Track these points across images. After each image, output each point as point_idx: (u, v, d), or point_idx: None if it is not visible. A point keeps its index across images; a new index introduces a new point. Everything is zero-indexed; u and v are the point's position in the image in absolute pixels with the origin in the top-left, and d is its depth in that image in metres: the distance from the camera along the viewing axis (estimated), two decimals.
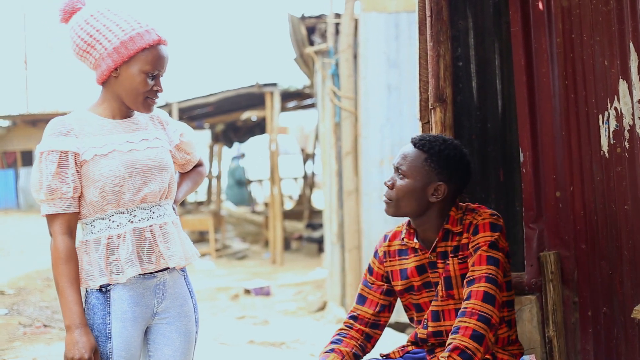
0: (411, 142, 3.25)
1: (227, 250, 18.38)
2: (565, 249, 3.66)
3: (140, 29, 3.02)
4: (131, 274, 3.01)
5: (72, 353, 2.91)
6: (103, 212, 3.03)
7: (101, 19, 3.04)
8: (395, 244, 3.40)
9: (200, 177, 3.55)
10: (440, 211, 3.23)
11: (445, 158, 3.17)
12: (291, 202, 27.48)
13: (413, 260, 3.31)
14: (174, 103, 18.06)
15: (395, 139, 8.98)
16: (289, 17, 11.73)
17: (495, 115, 3.91)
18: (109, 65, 3.02)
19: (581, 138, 3.59)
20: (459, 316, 3.06)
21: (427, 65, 3.79)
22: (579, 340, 3.66)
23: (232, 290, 12.58)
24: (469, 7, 3.91)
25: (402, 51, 8.97)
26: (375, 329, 3.44)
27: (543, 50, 3.70)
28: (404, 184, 3.19)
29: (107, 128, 3.07)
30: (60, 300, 2.97)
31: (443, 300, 3.23)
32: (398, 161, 3.23)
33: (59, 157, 2.95)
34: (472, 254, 3.14)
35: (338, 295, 10.11)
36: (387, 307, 3.45)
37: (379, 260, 3.44)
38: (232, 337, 9.05)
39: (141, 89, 3.03)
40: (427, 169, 3.17)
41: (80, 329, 2.93)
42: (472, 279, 3.10)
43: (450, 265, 3.20)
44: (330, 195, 10.73)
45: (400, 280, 3.35)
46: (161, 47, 3.06)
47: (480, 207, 3.24)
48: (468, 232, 3.18)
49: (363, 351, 3.42)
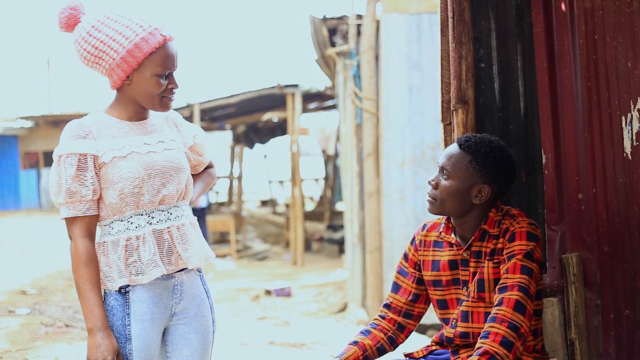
0: (457, 143, 3.24)
1: (248, 251, 18.41)
2: (587, 251, 3.64)
3: (143, 33, 2.99)
4: (155, 275, 3.02)
5: (95, 356, 2.91)
6: (122, 213, 3.03)
7: (104, 29, 3.00)
8: (433, 234, 3.40)
9: (211, 179, 3.55)
10: (481, 212, 3.22)
11: (490, 161, 3.16)
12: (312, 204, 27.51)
13: (447, 254, 3.31)
14: (196, 104, 18.10)
15: (417, 140, 8.97)
16: (311, 18, 11.74)
17: (518, 117, 3.90)
18: (120, 75, 3.01)
19: (604, 140, 3.57)
20: (489, 321, 3.05)
21: (449, 67, 3.79)
22: (601, 343, 3.64)
23: (253, 291, 12.60)
24: (491, 8, 3.90)
25: (424, 52, 8.96)
26: (408, 318, 3.45)
27: (565, 52, 3.68)
28: (448, 184, 3.19)
29: (124, 130, 3.07)
30: (82, 303, 2.96)
31: (474, 301, 3.22)
32: (443, 161, 3.23)
33: (78, 159, 2.95)
34: (505, 260, 3.13)
35: (359, 296, 10.11)
36: (421, 298, 3.45)
37: (415, 247, 3.44)
38: (252, 337, 9.06)
39: (156, 91, 3.03)
40: (471, 171, 3.17)
41: (103, 332, 2.93)
42: (505, 286, 3.08)
43: (485, 268, 3.18)
44: (351, 197, 10.73)
45: (431, 271, 3.35)
46: (168, 46, 3.03)
47: (520, 215, 3.22)
48: (504, 238, 3.17)
49: (393, 342, 3.44)
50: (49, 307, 10.78)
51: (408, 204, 9.00)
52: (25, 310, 10.38)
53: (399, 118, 9.02)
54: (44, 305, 10.86)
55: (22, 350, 8.08)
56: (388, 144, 9.09)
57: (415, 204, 8.99)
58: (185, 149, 3.27)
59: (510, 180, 3.26)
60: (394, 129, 9.06)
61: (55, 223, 20.32)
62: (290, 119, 16.88)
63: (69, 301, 11.36)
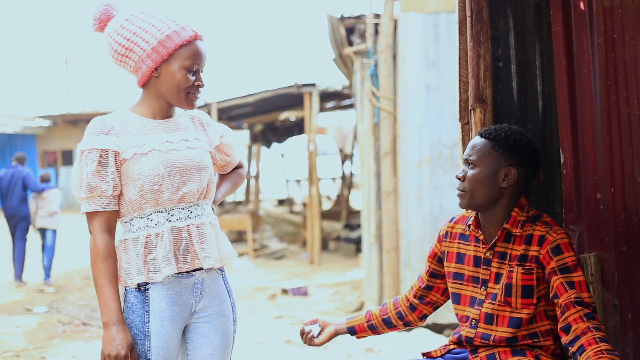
0: (478, 134, 3.27)
1: (265, 250, 18.45)
2: (605, 251, 3.62)
3: (176, 27, 3.06)
4: (167, 272, 3.02)
5: (109, 350, 2.92)
6: (142, 210, 3.05)
7: (136, 22, 3.08)
8: (459, 227, 3.41)
9: (239, 179, 3.58)
10: (510, 199, 3.22)
11: (512, 143, 3.18)
12: (329, 203, 27.52)
13: (473, 249, 3.31)
14: (213, 103, 18.16)
15: (434, 139, 8.96)
16: (328, 17, 11.74)
17: (536, 116, 3.88)
18: (149, 66, 3.05)
19: (622, 139, 3.56)
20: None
21: (467, 66, 3.78)
22: (618, 343, 3.63)
23: (270, 290, 12.63)
24: (509, 7, 3.88)
25: (441, 51, 8.95)
26: (420, 301, 3.56)
27: (584, 51, 3.67)
28: (475, 172, 3.19)
29: (147, 128, 3.09)
30: (98, 297, 2.99)
31: (500, 305, 3.20)
32: (467, 152, 3.24)
33: (99, 155, 2.97)
34: (556, 272, 3.11)
35: (375, 296, 10.11)
36: (435, 288, 3.53)
37: (439, 238, 3.47)
38: (269, 336, 9.07)
39: (183, 85, 3.06)
40: (495, 155, 3.18)
41: (118, 326, 2.94)
42: (581, 301, 3.08)
43: (514, 274, 3.17)
44: (368, 196, 10.73)
45: (455, 263, 3.36)
46: (198, 43, 3.09)
47: (554, 223, 3.22)
48: (539, 246, 3.15)
49: (402, 318, 3.59)
50: (67, 305, 10.84)
51: (425, 204, 8.99)
52: (43, 309, 10.44)
53: (417, 117, 9.01)
54: (61, 304, 10.93)
55: (40, 349, 8.13)
56: (405, 143, 9.08)
57: (432, 204, 8.98)
58: (210, 148, 3.29)
59: (535, 164, 3.25)
60: (411, 128, 9.06)
61: (74, 222, 20.39)
62: (308, 118, 16.89)
63: (86, 299, 11.42)
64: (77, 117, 29.82)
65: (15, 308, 10.49)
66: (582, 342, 2.98)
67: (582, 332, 3.00)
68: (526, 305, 3.16)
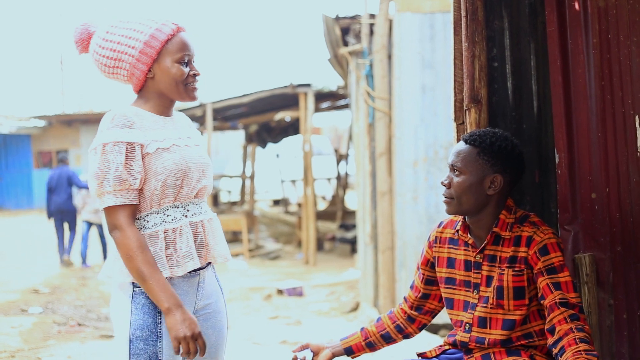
0: (462, 140, 3.26)
1: (260, 250, 18.43)
2: (600, 251, 3.63)
3: (156, 25, 3.09)
4: (190, 267, 3.04)
5: (184, 331, 2.91)
6: (159, 206, 3.04)
7: (118, 31, 3.10)
8: (448, 232, 3.42)
9: None
10: (497, 205, 3.22)
11: (497, 150, 3.18)
12: (324, 203, 27.51)
13: (463, 253, 3.32)
14: (208, 103, 18.15)
15: (430, 140, 8.96)
16: (323, 17, 11.74)
17: (531, 116, 3.89)
18: (142, 69, 3.07)
19: (617, 139, 3.57)
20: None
21: (462, 66, 3.78)
22: (614, 343, 3.63)
23: (265, 290, 12.61)
24: (504, 7, 3.89)
25: (437, 52, 8.95)
26: (418, 312, 3.55)
27: (579, 51, 3.67)
28: (461, 180, 3.19)
29: (159, 124, 3.11)
30: (149, 288, 2.92)
31: (492, 308, 3.21)
32: (452, 159, 3.24)
33: (126, 148, 2.96)
34: (542, 273, 3.12)
35: (371, 296, 10.11)
36: (431, 296, 3.52)
37: (429, 244, 3.47)
38: (264, 337, 9.07)
39: (179, 78, 3.08)
40: (481, 163, 3.18)
41: (181, 308, 2.93)
42: (566, 302, 3.08)
43: (505, 276, 3.18)
44: (363, 196, 10.73)
45: (446, 268, 3.37)
46: (182, 34, 3.12)
47: (542, 223, 3.22)
48: (527, 247, 3.16)
49: (401, 331, 3.57)
50: (62, 305, 10.83)
51: (421, 204, 8.99)
52: (38, 309, 10.42)
53: (412, 117, 9.01)
54: (56, 304, 10.92)
55: (35, 349, 8.11)
56: (401, 144, 9.08)
57: (428, 204, 8.98)
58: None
59: (520, 168, 3.26)
60: (406, 128, 9.05)
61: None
62: (303, 119, 16.88)
63: (81, 300, 11.41)
64: (72, 118, 29.77)
65: (10, 308, 10.47)
66: (564, 343, 3.00)
67: (564, 333, 3.01)
68: (519, 307, 3.17)
